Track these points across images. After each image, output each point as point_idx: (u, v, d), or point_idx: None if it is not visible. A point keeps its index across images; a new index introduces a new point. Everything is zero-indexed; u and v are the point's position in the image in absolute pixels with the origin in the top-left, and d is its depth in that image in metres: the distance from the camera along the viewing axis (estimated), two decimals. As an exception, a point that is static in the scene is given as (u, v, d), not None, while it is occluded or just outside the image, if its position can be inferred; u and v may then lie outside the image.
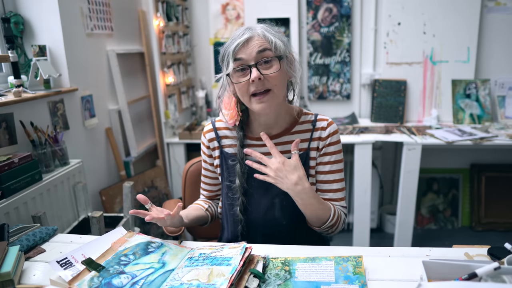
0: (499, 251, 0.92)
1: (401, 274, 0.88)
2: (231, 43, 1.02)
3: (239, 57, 1.01)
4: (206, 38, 2.89)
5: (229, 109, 1.12)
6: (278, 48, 1.02)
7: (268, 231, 1.15)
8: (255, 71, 0.99)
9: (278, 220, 1.13)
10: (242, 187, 1.13)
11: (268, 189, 1.12)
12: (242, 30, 1.03)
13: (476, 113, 2.58)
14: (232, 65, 1.01)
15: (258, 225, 1.15)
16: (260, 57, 1.00)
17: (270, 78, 1.01)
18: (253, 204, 1.15)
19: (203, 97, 2.80)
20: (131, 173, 2.39)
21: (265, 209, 1.13)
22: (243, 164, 1.12)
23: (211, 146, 1.20)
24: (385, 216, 2.81)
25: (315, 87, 2.82)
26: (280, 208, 1.13)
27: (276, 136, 1.13)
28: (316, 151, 1.13)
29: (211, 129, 1.20)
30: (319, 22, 2.71)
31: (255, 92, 1.02)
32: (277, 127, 1.13)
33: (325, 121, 1.14)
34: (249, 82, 1.01)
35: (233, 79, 1.04)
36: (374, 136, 2.34)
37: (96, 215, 1.52)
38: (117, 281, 0.84)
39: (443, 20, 2.55)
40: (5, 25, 1.68)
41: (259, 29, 1.03)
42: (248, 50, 1.00)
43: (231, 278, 0.81)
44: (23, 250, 1.03)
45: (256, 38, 1.01)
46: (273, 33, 1.04)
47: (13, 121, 1.52)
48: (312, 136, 1.13)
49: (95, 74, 2.12)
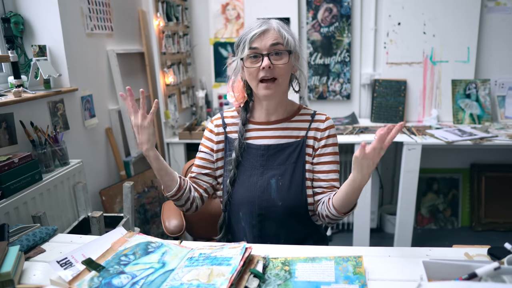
0: (499, 251, 0.92)
1: (401, 274, 0.88)
2: (249, 32, 1.13)
3: (254, 46, 1.12)
4: (206, 38, 2.89)
5: (237, 91, 1.23)
6: (289, 43, 1.14)
7: (263, 212, 1.18)
8: (266, 60, 1.10)
9: (274, 200, 1.17)
10: (237, 161, 1.22)
11: (265, 170, 1.20)
12: (260, 22, 1.14)
13: (476, 113, 2.58)
14: (247, 51, 1.12)
15: (254, 204, 1.19)
16: (273, 49, 1.12)
17: (278, 68, 1.12)
18: (250, 184, 1.20)
19: (203, 97, 2.80)
20: (131, 173, 2.39)
21: (262, 189, 1.19)
22: (242, 140, 1.22)
23: (215, 131, 1.28)
24: (385, 216, 2.81)
25: (315, 87, 2.82)
26: (276, 189, 1.18)
27: (275, 122, 1.23)
28: (313, 140, 1.21)
29: (219, 117, 1.30)
30: (319, 22, 2.71)
31: (263, 78, 1.12)
32: (277, 114, 1.23)
33: (323, 115, 1.25)
34: (259, 68, 1.12)
35: (245, 63, 1.14)
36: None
37: (96, 215, 1.52)
38: (117, 281, 0.84)
39: (443, 20, 2.55)
40: (5, 25, 1.67)
41: (275, 24, 1.14)
42: (264, 41, 1.11)
43: (231, 278, 0.81)
44: (23, 250, 1.03)
45: (272, 31, 1.12)
46: (286, 30, 1.15)
47: (13, 121, 1.52)
48: (310, 126, 1.22)
49: (95, 74, 2.12)
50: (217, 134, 1.28)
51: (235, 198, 1.22)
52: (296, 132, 1.22)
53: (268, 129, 1.23)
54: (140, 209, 2.41)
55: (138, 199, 2.40)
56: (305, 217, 1.21)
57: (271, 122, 1.23)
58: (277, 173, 1.18)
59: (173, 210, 1.56)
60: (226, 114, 1.30)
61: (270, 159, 1.21)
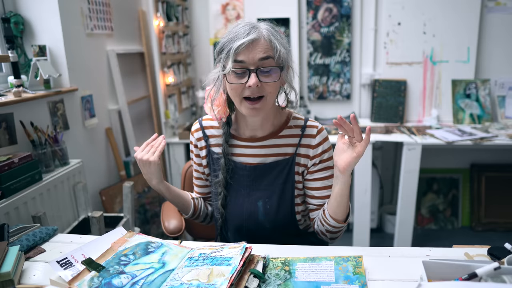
0: (499, 251, 0.92)
1: (401, 274, 0.88)
2: (234, 40, 0.96)
3: (240, 59, 0.96)
4: (206, 38, 2.89)
5: (217, 105, 1.08)
6: (281, 57, 0.99)
7: (251, 234, 1.14)
8: (254, 77, 0.95)
9: (262, 223, 1.12)
10: (225, 181, 1.13)
11: (252, 191, 1.12)
12: (247, 28, 0.97)
13: (476, 113, 2.58)
14: (231, 64, 0.95)
15: (243, 227, 1.14)
16: (262, 64, 0.96)
17: (267, 85, 0.98)
18: (237, 206, 1.14)
19: (203, 97, 2.80)
20: (131, 173, 2.39)
21: (248, 212, 1.13)
22: (227, 159, 1.11)
23: (199, 146, 1.19)
24: (385, 216, 2.81)
25: (315, 87, 2.82)
26: (264, 212, 1.11)
27: (261, 139, 1.11)
28: (306, 158, 1.11)
29: (198, 128, 1.18)
30: (319, 22, 2.71)
31: (249, 97, 0.99)
32: (262, 130, 1.11)
33: (315, 128, 1.11)
34: (244, 85, 0.97)
35: (228, 78, 0.99)
36: (374, 136, 2.34)
37: (96, 215, 1.52)
38: (117, 281, 0.84)
39: (443, 20, 2.55)
40: (5, 25, 1.67)
41: (264, 31, 0.98)
42: (251, 54, 0.95)
43: (231, 278, 0.81)
44: (23, 250, 1.03)
45: (262, 41, 0.96)
46: (278, 39, 1.00)
47: (13, 121, 1.52)
48: (300, 142, 1.11)
49: (95, 74, 2.12)
50: (200, 148, 1.18)
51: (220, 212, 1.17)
52: (284, 149, 1.10)
53: (253, 147, 1.11)
54: (140, 209, 2.41)
55: (138, 199, 2.40)
56: (297, 233, 1.16)
57: (257, 139, 1.11)
58: (264, 195, 1.08)
59: (173, 210, 1.55)
60: (206, 123, 1.17)
61: (257, 179, 1.11)
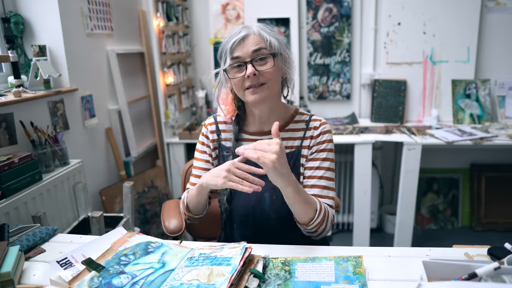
0: (499, 251, 0.92)
1: (401, 274, 0.88)
2: (229, 41, 1.08)
3: (236, 55, 1.06)
4: (206, 38, 2.89)
5: (226, 104, 1.19)
6: (273, 46, 1.08)
7: (257, 224, 1.17)
8: (250, 67, 1.05)
9: (268, 213, 1.16)
10: None
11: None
12: (239, 29, 1.09)
13: (476, 113, 2.58)
14: (229, 61, 1.07)
15: (248, 217, 1.17)
16: (255, 54, 1.06)
17: (265, 73, 1.06)
18: (243, 197, 1.17)
19: (203, 97, 2.80)
20: (131, 173, 2.39)
21: (255, 202, 1.16)
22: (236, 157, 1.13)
23: (211, 138, 1.24)
24: (385, 216, 2.81)
25: (315, 87, 2.82)
26: (270, 203, 1.15)
27: (268, 133, 1.16)
28: (307, 149, 1.16)
29: (213, 122, 1.26)
30: (319, 22, 2.71)
31: (250, 87, 1.07)
32: (269, 123, 1.16)
33: (318, 121, 1.18)
34: (244, 77, 1.06)
35: (229, 74, 1.10)
36: (374, 136, 2.34)
37: (96, 215, 1.52)
38: (117, 281, 0.84)
39: (443, 20, 2.55)
40: (5, 25, 1.67)
41: (255, 28, 1.09)
42: (245, 48, 1.06)
43: (231, 278, 0.81)
44: (23, 250, 1.03)
45: (252, 36, 1.07)
46: (268, 32, 1.09)
47: (13, 121, 1.52)
48: (304, 135, 1.17)
49: (95, 74, 2.12)
50: (212, 140, 1.24)
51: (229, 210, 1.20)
52: (290, 142, 1.17)
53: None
54: (140, 209, 2.41)
55: (138, 199, 2.40)
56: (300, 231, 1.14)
57: (265, 132, 1.18)
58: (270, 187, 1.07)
59: (173, 210, 1.56)
60: (219, 119, 1.25)
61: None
